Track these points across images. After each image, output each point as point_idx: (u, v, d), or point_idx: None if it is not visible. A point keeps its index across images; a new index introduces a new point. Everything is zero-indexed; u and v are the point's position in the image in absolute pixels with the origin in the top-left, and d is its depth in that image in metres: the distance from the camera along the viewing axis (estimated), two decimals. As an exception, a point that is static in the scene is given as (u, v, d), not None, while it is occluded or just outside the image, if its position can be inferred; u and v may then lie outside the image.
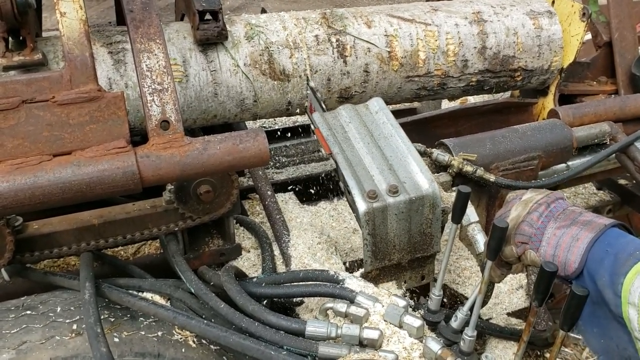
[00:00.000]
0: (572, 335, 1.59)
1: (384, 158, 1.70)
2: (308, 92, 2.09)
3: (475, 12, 2.33)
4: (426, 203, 1.63)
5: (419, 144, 1.82)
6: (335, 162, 1.68)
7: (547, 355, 2.76)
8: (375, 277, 1.68)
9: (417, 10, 2.29)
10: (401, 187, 1.62)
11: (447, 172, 1.81)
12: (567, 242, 1.25)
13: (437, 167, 1.85)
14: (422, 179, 1.64)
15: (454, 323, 1.52)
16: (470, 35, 2.28)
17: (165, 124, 1.44)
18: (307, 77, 2.09)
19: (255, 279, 1.64)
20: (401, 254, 1.69)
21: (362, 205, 1.57)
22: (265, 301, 1.61)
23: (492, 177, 1.77)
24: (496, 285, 1.94)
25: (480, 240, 1.66)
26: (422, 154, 1.80)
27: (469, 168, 1.77)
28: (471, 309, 1.47)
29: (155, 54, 1.47)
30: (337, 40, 2.11)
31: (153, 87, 1.44)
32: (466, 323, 1.49)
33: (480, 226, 1.69)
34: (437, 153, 1.81)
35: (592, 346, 1.29)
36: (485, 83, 2.38)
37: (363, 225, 1.59)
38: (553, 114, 2.08)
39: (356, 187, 1.60)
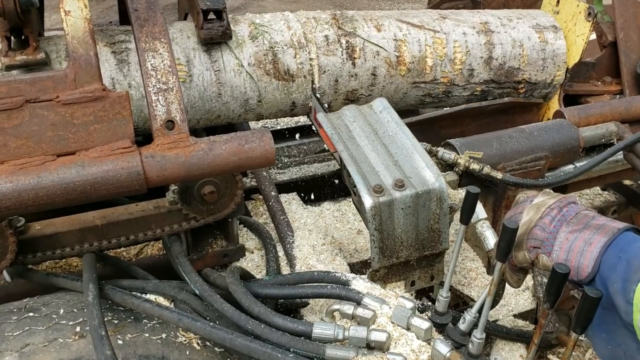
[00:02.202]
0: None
1: (389, 154, 1.69)
2: (312, 95, 2.08)
3: (483, 22, 2.34)
4: (433, 197, 1.62)
5: (425, 143, 1.81)
6: (340, 159, 1.67)
7: (550, 356, 2.76)
8: (383, 277, 1.67)
9: (426, 17, 2.29)
10: (407, 181, 1.61)
11: (454, 170, 1.80)
12: (580, 247, 1.23)
13: (444, 166, 1.83)
14: (428, 173, 1.63)
15: (462, 325, 1.50)
16: (477, 45, 2.29)
17: (170, 123, 1.42)
18: (312, 80, 2.07)
19: (260, 281, 1.63)
20: (409, 250, 1.66)
21: (368, 200, 1.56)
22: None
23: (499, 175, 1.76)
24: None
25: (490, 237, 1.65)
26: (428, 153, 1.78)
27: (475, 166, 1.75)
28: (479, 310, 1.46)
29: (160, 53, 1.45)
30: (346, 42, 2.10)
31: (158, 86, 1.42)
32: (474, 325, 1.48)
33: (489, 223, 1.67)
34: (442, 151, 1.79)
35: (599, 351, 1.28)
36: (489, 93, 2.39)
37: (369, 220, 1.57)
38: (558, 115, 2.06)
39: (362, 182, 1.59)
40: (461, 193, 1.82)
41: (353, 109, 1.84)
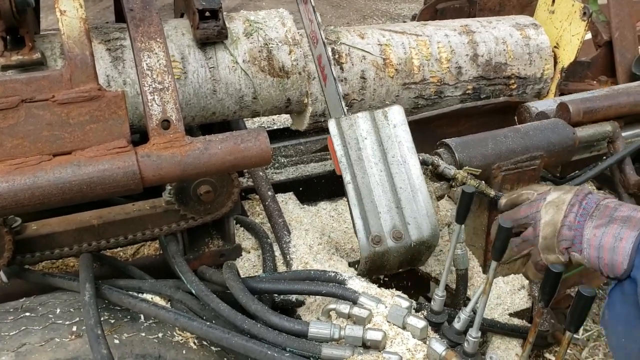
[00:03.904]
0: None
1: (393, 191, 1.70)
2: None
3: (463, 25, 2.44)
4: (425, 245, 1.68)
5: (427, 155, 1.81)
6: (346, 192, 1.69)
7: (547, 355, 2.76)
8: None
9: (407, 26, 2.39)
10: (405, 231, 1.65)
11: (449, 183, 1.80)
12: (610, 243, 1.22)
13: (439, 176, 1.82)
14: (426, 222, 1.67)
15: (457, 324, 1.51)
16: (460, 44, 2.37)
17: (165, 123, 1.42)
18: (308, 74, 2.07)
19: (257, 277, 1.63)
20: (390, 272, 1.78)
21: (365, 249, 1.63)
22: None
23: (492, 192, 1.80)
24: (498, 285, 1.94)
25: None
26: (428, 164, 1.80)
27: (472, 182, 1.76)
28: (474, 309, 1.47)
29: (156, 53, 1.45)
30: (332, 49, 2.16)
31: (154, 86, 1.42)
32: (469, 324, 1.49)
33: (465, 245, 1.80)
34: (443, 166, 1.78)
35: (611, 341, 1.27)
36: (481, 91, 2.44)
37: (362, 263, 1.66)
38: (563, 106, 2.01)
39: (362, 230, 1.64)
40: (452, 210, 1.85)
41: (367, 120, 1.77)
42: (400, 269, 1.78)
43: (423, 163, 1.77)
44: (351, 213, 1.66)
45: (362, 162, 1.72)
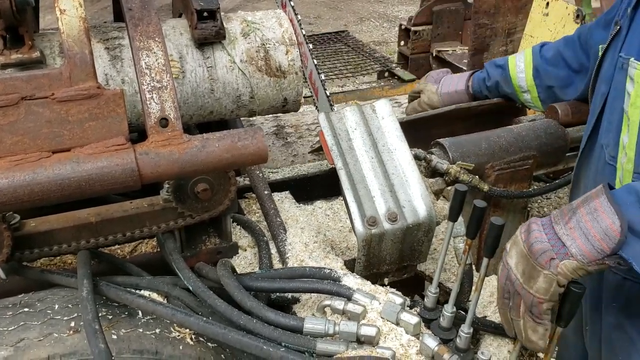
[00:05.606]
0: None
1: (386, 177, 1.72)
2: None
3: None
4: (422, 228, 1.70)
5: (420, 150, 1.83)
6: (339, 178, 1.70)
7: (539, 353, 2.78)
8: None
9: None
10: (400, 213, 1.67)
11: (444, 179, 1.82)
12: (590, 220, 1.15)
13: (433, 171, 1.85)
14: (421, 205, 1.69)
15: (443, 321, 1.53)
16: None
17: (164, 121, 1.44)
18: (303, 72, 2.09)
19: (253, 274, 1.65)
20: (390, 266, 1.77)
21: (360, 232, 1.64)
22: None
23: (485, 187, 1.81)
24: (491, 282, 1.97)
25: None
26: (421, 158, 1.81)
27: (465, 177, 1.79)
28: (459, 306, 1.49)
29: (155, 52, 1.47)
30: None
31: (152, 84, 1.44)
32: (457, 319, 1.52)
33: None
34: (436, 161, 1.80)
35: None
36: None
37: (359, 248, 1.66)
38: (552, 110, 2.05)
39: (357, 212, 1.65)
40: (446, 209, 1.87)
41: (356, 113, 1.83)
42: (402, 262, 1.77)
43: (416, 158, 1.79)
44: (345, 199, 1.67)
45: (353, 151, 1.76)
